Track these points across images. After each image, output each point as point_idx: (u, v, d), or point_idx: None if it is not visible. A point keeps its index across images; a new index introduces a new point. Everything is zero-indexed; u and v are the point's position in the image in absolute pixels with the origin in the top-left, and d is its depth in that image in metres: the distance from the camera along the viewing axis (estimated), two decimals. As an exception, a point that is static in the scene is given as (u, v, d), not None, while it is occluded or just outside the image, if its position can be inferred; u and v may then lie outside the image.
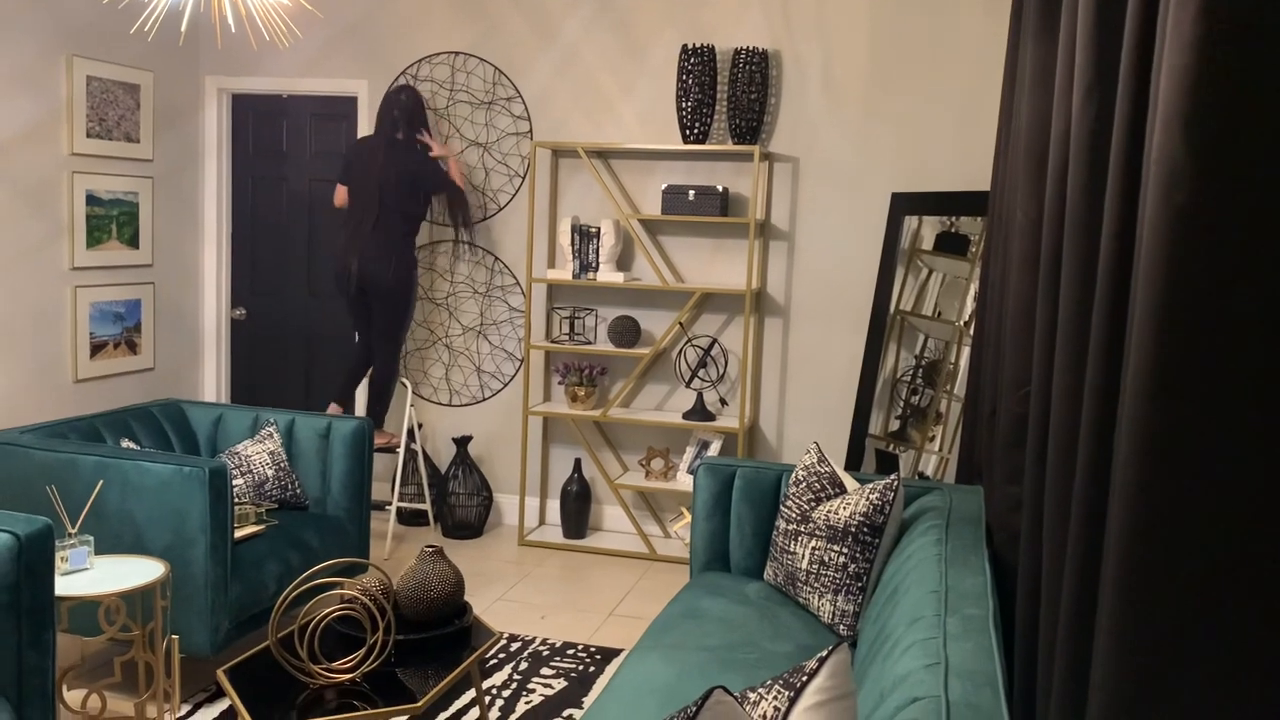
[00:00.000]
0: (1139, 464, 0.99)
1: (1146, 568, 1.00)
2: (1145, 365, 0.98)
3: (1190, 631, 0.97)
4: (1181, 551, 0.97)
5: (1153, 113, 1.07)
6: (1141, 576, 1.00)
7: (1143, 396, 0.99)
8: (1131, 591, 1.00)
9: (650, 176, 5.08)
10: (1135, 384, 1.00)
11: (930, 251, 4.66)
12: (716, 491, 3.43)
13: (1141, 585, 1.00)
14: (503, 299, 5.37)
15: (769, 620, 2.91)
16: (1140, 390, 0.99)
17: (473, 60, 5.27)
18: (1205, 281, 0.94)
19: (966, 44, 4.65)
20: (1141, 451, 0.98)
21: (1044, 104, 2.27)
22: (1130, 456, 1.00)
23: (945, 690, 1.71)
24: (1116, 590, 1.03)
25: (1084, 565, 1.30)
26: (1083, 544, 1.30)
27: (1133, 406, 1.00)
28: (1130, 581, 1.00)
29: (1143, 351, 0.99)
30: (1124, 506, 1.02)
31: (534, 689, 3.51)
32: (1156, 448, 0.98)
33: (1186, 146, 0.95)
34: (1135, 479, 0.99)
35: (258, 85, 5.58)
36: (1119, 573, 1.03)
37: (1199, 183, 0.94)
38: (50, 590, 2.51)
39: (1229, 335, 0.93)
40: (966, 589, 2.25)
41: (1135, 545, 1.00)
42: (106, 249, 5.08)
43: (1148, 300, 0.98)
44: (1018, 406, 2.36)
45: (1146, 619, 1.00)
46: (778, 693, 1.69)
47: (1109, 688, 1.06)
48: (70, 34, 4.81)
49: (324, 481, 4.02)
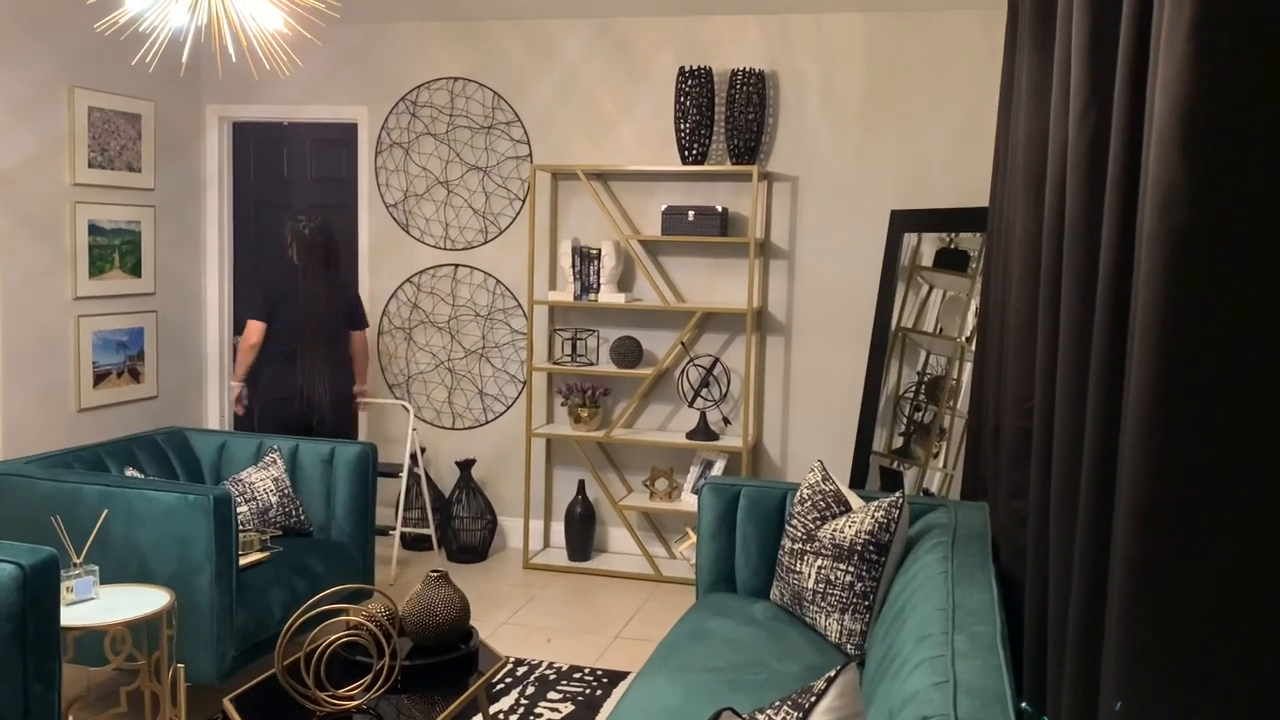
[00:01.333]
0: (1143, 480, 0.99)
1: (1154, 584, 1.00)
2: (1146, 381, 0.99)
3: (1201, 648, 0.97)
4: (1188, 567, 0.97)
5: (1149, 129, 1.08)
6: (1149, 593, 1.00)
7: (1145, 411, 0.99)
8: (1139, 609, 1.00)
9: (650, 197, 5.10)
10: (1137, 399, 1.00)
11: (930, 268, 4.67)
12: (721, 511, 3.42)
13: (1150, 602, 1.00)
14: (504, 321, 5.38)
15: (776, 640, 2.89)
16: (1142, 405, 1.00)
17: (472, 85, 5.30)
18: (1204, 298, 0.94)
19: (963, 62, 4.67)
20: (1145, 468, 0.99)
21: (1041, 121, 2.28)
22: (1134, 473, 1.00)
23: (955, 708, 1.70)
24: (1124, 607, 1.02)
25: (1091, 581, 1.30)
26: (1089, 559, 1.30)
27: (1135, 422, 1.00)
28: (1138, 599, 1.00)
29: (1144, 368, 0.99)
30: (1129, 524, 1.02)
31: (541, 713, 3.50)
32: (1159, 465, 0.98)
33: (1184, 165, 0.96)
34: (1140, 496, 0.99)
35: (258, 113, 5.62)
36: (1126, 590, 1.03)
37: (1196, 201, 0.94)
38: (56, 621, 2.51)
39: (1229, 350, 0.93)
40: (974, 605, 2.24)
41: (1142, 562, 1.00)
42: (109, 278, 5.10)
43: (1147, 318, 0.99)
44: (1021, 421, 2.36)
45: (1156, 636, 1.00)
46: (786, 713, 1.68)
47: (1117, 703, 1.05)
48: (71, 65, 4.84)
49: (328, 507, 4.02)
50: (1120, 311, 1.23)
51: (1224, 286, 0.93)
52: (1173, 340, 0.98)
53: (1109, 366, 1.24)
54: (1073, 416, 1.47)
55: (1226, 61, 0.94)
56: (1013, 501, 2.46)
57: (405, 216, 5.45)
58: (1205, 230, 0.94)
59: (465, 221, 5.38)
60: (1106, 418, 1.24)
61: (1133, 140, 1.24)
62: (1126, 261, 1.26)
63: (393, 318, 5.52)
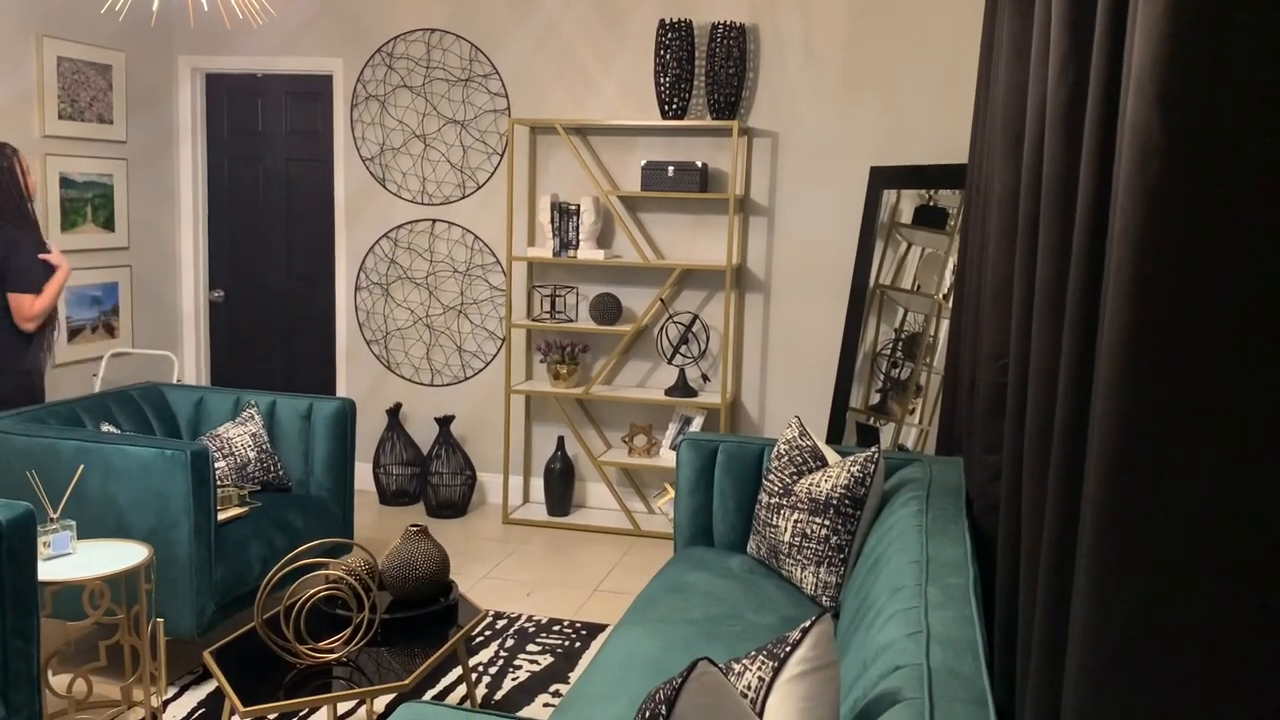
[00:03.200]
0: (1114, 432, 1.01)
1: (1123, 534, 1.02)
2: (1119, 335, 1.00)
3: (1168, 599, 0.98)
4: (1158, 517, 0.99)
5: (1126, 85, 1.08)
6: (1117, 544, 1.02)
7: (1117, 365, 1.00)
8: (1107, 557, 1.02)
9: (629, 153, 5.06)
10: (1109, 353, 1.01)
11: (909, 225, 4.67)
12: (699, 466, 3.45)
13: (1117, 552, 1.02)
14: (483, 278, 5.36)
15: (752, 593, 2.93)
16: (1114, 359, 1.01)
17: (449, 37, 5.23)
18: (1178, 255, 0.95)
19: (944, 17, 4.65)
20: (1116, 420, 1.00)
21: (1020, 77, 2.28)
22: (1105, 424, 1.02)
23: (927, 658, 1.74)
24: (1092, 556, 1.04)
25: (1061, 531, 1.32)
26: (1060, 510, 1.32)
27: (1108, 375, 1.02)
28: (1106, 547, 1.02)
29: (1116, 323, 1.00)
30: (1100, 474, 1.03)
31: (520, 665, 3.53)
32: (1130, 418, 0.99)
33: (1160, 121, 0.96)
34: (1111, 446, 1.01)
35: (232, 65, 5.53)
36: (1095, 539, 1.04)
37: (1172, 158, 0.95)
38: (33, 575, 2.51)
39: (1203, 307, 0.94)
40: (947, 558, 2.28)
41: (1110, 512, 1.02)
42: (82, 232, 5.03)
43: (1121, 273, 0.99)
44: (996, 377, 2.38)
45: (1123, 586, 1.02)
46: (761, 663, 1.71)
47: (1085, 654, 1.08)
48: (39, 14, 4.74)
49: (306, 462, 4.02)
50: (1094, 268, 1.24)
51: (1198, 243, 0.94)
52: (1145, 298, 0.99)
53: (1083, 323, 1.25)
54: (1046, 372, 1.48)
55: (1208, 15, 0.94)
56: (987, 456, 2.49)
57: (382, 170, 5.40)
58: (1180, 189, 0.95)
59: (443, 176, 5.33)
60: (1079, 371, 1.26)
61: (1110, 97, 1.25)
62: (1101, 220, 1.26)
63: (369, 273, 5.48)
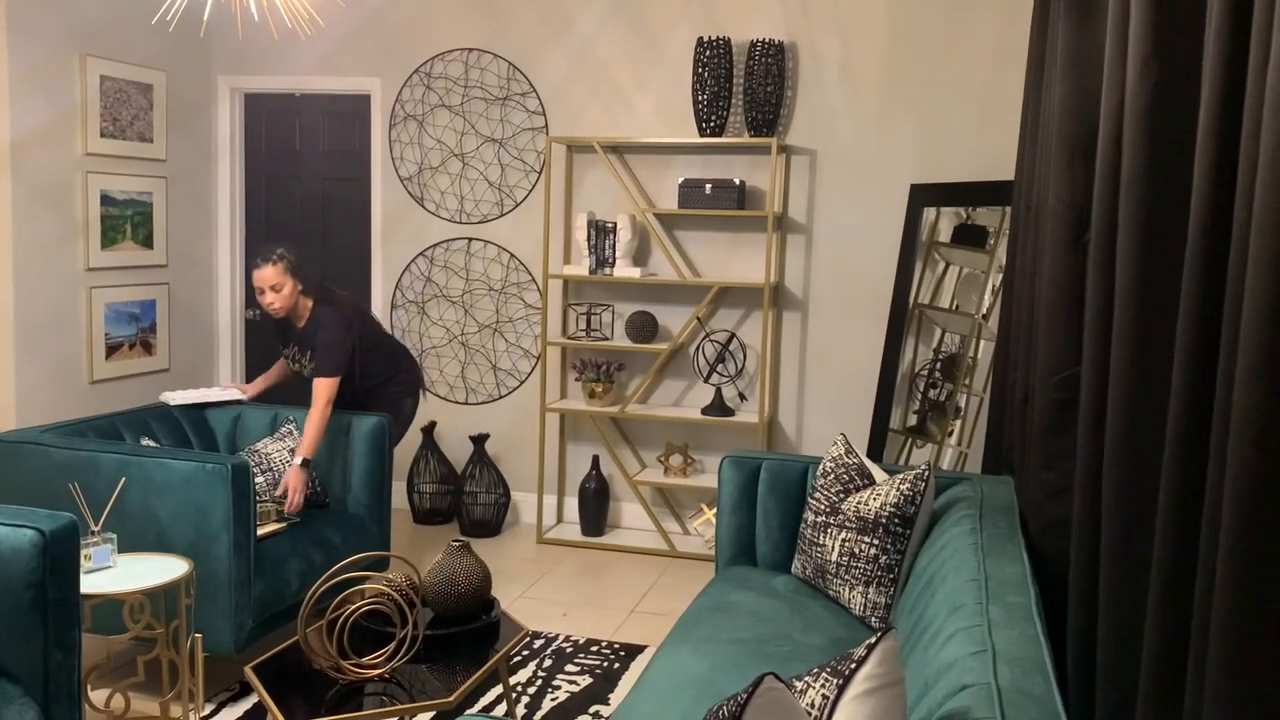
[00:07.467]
0: (1249, 455, 0.95)
1: (1257, 563, 0.95)
2: (1255, 355, 0.93)
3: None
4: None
5: (1253, 81, 1.03)
6: (1253, 572, 0.96)
7: (1251, 388, 0.94)
8: (1243, 592, 0.96)
9: (666, 170, 5.05)
10: (1245, 376, 0.95)
11: (947, 244, 4.62)
12: (741, 484, 3.39)
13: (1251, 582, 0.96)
14: (519, 296, 5.34)
15: (799, 613, 2.87)
16: (1249, 381, 0.95)
17: (486, 56, 5.25)
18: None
19: (985, 33, 4.61)
20: (1251, 442, 0.94)
21: (1080, 84, 2.23)
22: (1239, 447, 0.96)
23: (995, 677, 1.68)
24: (1225, 588, 0.98)
25: (1180, 528, 1.24)
26: (1172, 532, 1.26)
27: (1242, 397, 0.96)
28: (1239, 579, 0.96)
29: (1251, 342, 0.94)
30: (1235, 499, 0.97)
31: (559, 685, 3.48)
32: (1267, 443, 0.93)
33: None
34: (1246, 470, 0.95)
35: (270, 84, 5.56)
36: (1228, 569, 0.98)
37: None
38: (76, 587, 2.49)
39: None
40: (1006, 577, 2.21)
41: (1245, 543, 0.95)
42: (121, 249, 5.06)
43: (1258, 289, 0.93)
44: (1055, 393, 2.32)
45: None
46: (825, 680, 1.66)
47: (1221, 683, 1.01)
48: (83, 34, 4.79)
49: (344, 479, 4.00)
50: (1210, 275, 1.17)
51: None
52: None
53: (1197, 333, 1.19)
54: (1134, 384, 1.42)
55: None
56: (1043, 472, 2.43)
57: (420, 190, 5.41)
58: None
59: (480, 194, 5.34)
60: (1196, 386, 1.19)
61: (1229, 96, 1.17)
62: (1218, 226, 1.19)
63: (405, 291, 5.48)
